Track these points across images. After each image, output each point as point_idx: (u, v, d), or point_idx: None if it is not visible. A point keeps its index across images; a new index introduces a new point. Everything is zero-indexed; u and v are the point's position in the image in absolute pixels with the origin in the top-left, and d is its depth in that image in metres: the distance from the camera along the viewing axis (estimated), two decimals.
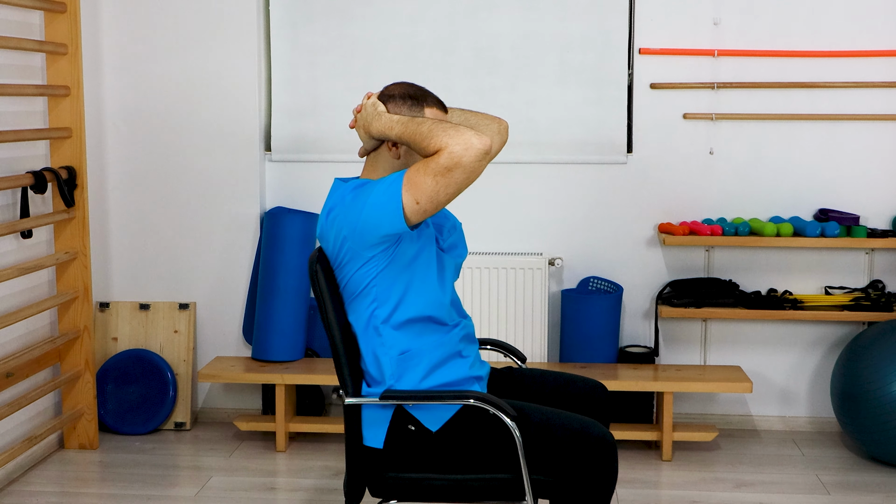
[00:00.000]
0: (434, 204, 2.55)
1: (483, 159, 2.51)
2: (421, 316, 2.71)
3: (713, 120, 4.49)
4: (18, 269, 3.88)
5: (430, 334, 2.73)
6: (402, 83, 2.81)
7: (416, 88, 2.79)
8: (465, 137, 2.50)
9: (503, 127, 3.06)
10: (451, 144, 2.50)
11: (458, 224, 2.94)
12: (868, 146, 4.46)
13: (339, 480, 4.01)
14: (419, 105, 2.75)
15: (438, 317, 2.75)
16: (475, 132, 2.52)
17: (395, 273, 2.66)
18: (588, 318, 4.39)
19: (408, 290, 2.68)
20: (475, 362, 2.84)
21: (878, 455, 4.14)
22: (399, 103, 2.75)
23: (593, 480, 2.60)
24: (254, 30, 4.52)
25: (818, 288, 4.54)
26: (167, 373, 4.56)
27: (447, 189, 2.52)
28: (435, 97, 2.80)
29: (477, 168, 2.52)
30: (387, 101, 2.75)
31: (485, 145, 2.50)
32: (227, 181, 4.58)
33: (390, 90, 2.78)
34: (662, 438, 4.25)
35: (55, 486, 3.97)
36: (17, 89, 3.90)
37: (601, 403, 2.95)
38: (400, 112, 2.73)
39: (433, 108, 2.77)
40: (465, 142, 2.49)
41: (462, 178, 2.51)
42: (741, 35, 4.44)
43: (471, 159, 2.50)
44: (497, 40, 4.51)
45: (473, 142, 2.49)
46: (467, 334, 2.84)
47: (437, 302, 2.74)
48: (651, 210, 4.54)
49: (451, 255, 2.85)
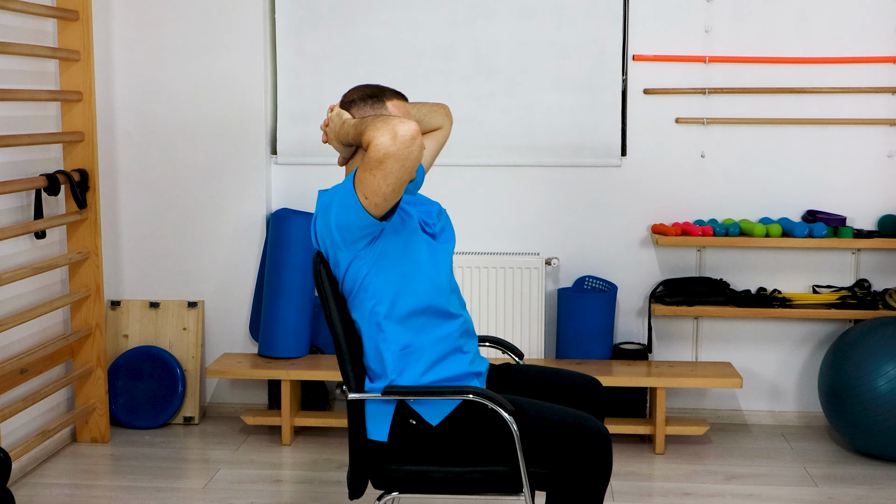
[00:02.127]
0: (381, 196, 2.51)
1: (411, 145, 2.46)
2: (421, 306, 2.70)
3: (705, 124, 4.49)
4: (32, 268, 3.88)
5: (432, 329, 2.73)
6: (358, 86, 2.81)
7: (373, 87, 2.79)
8: (389, 127, 2.46)
9: (448, 110, 3.14)
10: (376, 137, 2.46)
11: (444, 210, 2.94)
12: (854, 149, 4.46)
13: (342, 473, 4.01)
14: (380, 101, 2.76)
15: (439, 304, 2.74)
16: (401, 120, 2.47)
17: (386, 267, 2.66)
18: (583, 316, 4.39)
19: (403, 281, 2.68)
20: (475, 358, 2.84)
21: (864, 448, 4.14)
22: (360, 105, 2.76)
23: (589, 473, 2.60)
24: (260, 37, 4.52)
25: (806, 287, 4.55)
26: (176, 369, 4.56)
27: (387, 180, 2.49)
28: (392, 90, 2.80)
29: (408, 154, 2.47)
30: (349, 108, 2.76)
31: (410, 132, 2.46)
32: (234, 183, 4.58)
33: (349, 96, 2.79)
34: (655, 432, 4.25)
35: (68, 479, 3.97)
36: (31, 94, 3.91)
37: (596, 398, 2.95)
38: (364, 113, 2.74)
39: (393, 100, 2.78)
40: (391, 131, 2.45)
41: (396, 166, 2.47)
42: (731, 42, 4.44)
43: (398, 148, 2.45)
44: (495, 47, 4.51)
45: (398, 130, 2.45)
46: (467, 329, 2.84)
47: (435, 288, 2.73)
48: (644, 211, 4.55)
49: (442, 239, 2.85)
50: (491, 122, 4.53)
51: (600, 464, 2.61)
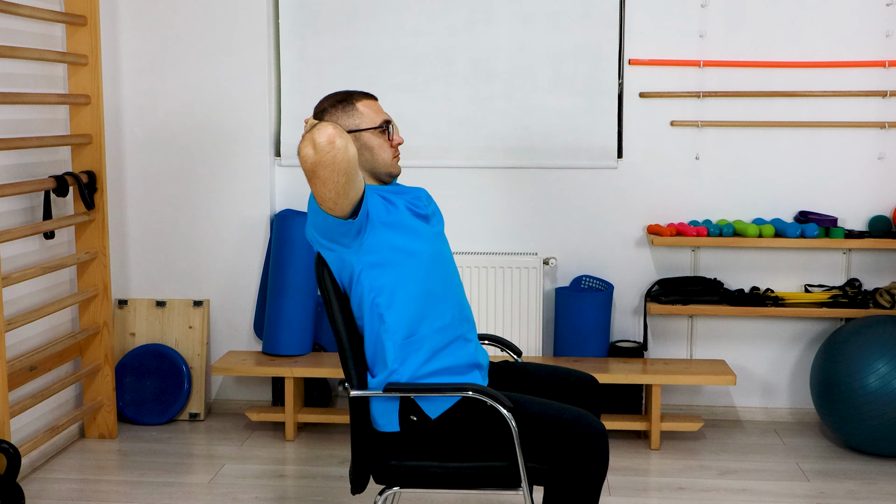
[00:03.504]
0: (330, 200, 2.54)
1: (331, 149, 2.47)
2: (420, 292, 2.70)
3: (699, 127, 4.49)
4: (41, 268, 3.88)
5: (434, 318, 2.72)
6: (328, 95, 2.84)
7: (342, 93, 2.82)
8: (308, 138, 2.50)
9: None
10: (300, 151, 2.51)
11: (429, 194, 2.96)
12: (846, 152, 4.46)
13: (345, 468, 4.02)
14: (349, 104, 2.79)
15: (439, 285, 2.75)
16: (318, 129, 2.49)
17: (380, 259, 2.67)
18: (581, 315, 4.39)
19: (400, 269, 2.68)
20: (477, 348, 2.84)
21: (855, 444, 4.15)
22: (332, 112, 2.79)
23: (586, 468, 2.61)
24: (264, 42, 4.52)
25: (798, 286, 4.55)
26: (182, 366, 4.56)
27: (325, 185, 2.52)
28: (360, 91, 2.84)
29: (332, 158, 2.48)
30: (323, 117, 2.79)
31: (325, 136, 2.47)
32: (238, 185, 4.58)
33: (320, 106, 2.82)
34: (651, 428, 4.25)
35: (76, 474, 3.98)
36: (40, 98, 3.91)
37: (593, 395, 2.95)
38: (337, 119, 2.77)
39: (362, 100, 2.81)
40: (310, 142, 2.49)
41: (327, 172, 2.50)
42: (725, 47, 4.44)
43: (321, 155, 2.48)
44: (494, 52, 4.51)
45: (315, 139, 2.48)
46: (467, 317, 2.84)
47: (433, 270, 2.74)
48: (640, 212, 4.55)
49: (434, 222, 2.87)
50: (490, 125, 4.53)
51: (597, 459, 2.62)
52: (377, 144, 2.79)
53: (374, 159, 2.79)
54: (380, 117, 2.81)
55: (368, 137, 2.78)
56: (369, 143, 2.78)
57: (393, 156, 2.82)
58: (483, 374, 2.82)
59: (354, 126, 2.77)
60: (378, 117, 2.81)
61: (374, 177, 2.83)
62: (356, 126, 2.77)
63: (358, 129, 2.76)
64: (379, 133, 2.79)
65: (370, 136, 2.78)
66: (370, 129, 2.78)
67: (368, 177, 2.82)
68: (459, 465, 2.68)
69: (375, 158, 2.79)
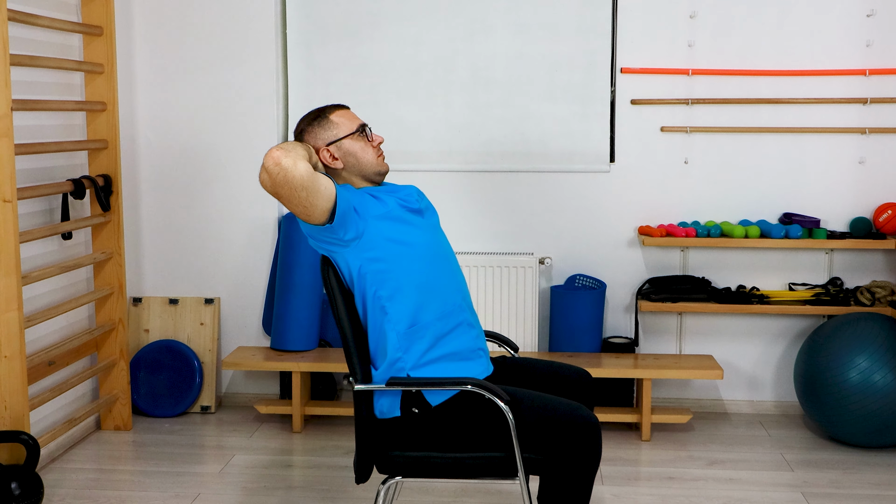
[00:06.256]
0: (301, 214, 2.59)
1: (280, 170, 2.50)
2: (421, 281, 2.71)
3: (688, 132, 4.50)
4: (60, 267, 3.89)
5: (437, 307, 2.72)
6: (303, 116, 2.86)
7: (315, 110, 2.85)
8: (263, 164, 2.54)
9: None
10: (260, 177, 2.56)
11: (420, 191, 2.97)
12: (828, 156, 4.47)
13: (349, 458, 4.02)
14: (324, 118, 2.81)
15: (439, 274, 2.75)
16: (267, 154, 2.53)
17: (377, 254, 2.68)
18: (575, 312, 4.40)
19: (397, 261, 2.69)
20: (479, 335, 2.84)
21: (837, 435, 4.15)
22: (310, 130, 2.82)
23: (580, 458, 2.61)
24: (272, 51, 4.53)
25: (783, 285, 4.55)
26: (194, 361, 4.57)
27: (290, 202, 2.56)
28: (332, 105, 2.86)
29: (284, 177, 2.52)
30: (303, 136, 2.82)
31: (272, 159, 2.51)
32: (248, 187, 4.58)
33: (299, 127, 2.84)
34: (642, 420, 4.25)
35: (93, 464, 3.98)
36: (58, 105, 3.91)
37: (586, 389, 2.95)
38: (316, 135, 2.80)
39: (335, 112, 2.84)
40: (263, 167, 2.54)
41: (286, 190, 2.54)
42: (713, 56, 4.45)
43: (274, 177, 2.53)
44: (492, 61, 4.51)
45: (265, 163, 2.53)
46: (470, 306, 2.84)
47: (430, 261, 2.74)
48: (631, 214, 4.55)
49: (428, 215, 2.88)
50: (488, 131, 4.54)
51: (590, 450, 2.62)
52: (359, 148, 2.80)
53: (360, 162, 2.81)
54: (355, 123, 2.83)
55: (350, 144, 2.79)
56: (351, 148, 2.80)
57: (377, 155, 2.84)
58: (486, 360, 2.82)
59: (334, 137, 2.79)
60: (353, 123, 2.83)
61: (365, 178, 2.84)
62: (335, 136, 2.79)
63: (337, 139, 2.79)
64: (358, 137, 2.81)
65: (350, 142, 2.79)
66: (349, 136, 2.80)
67: (360, 180, 2.83)
68: (459, 455, 2.68)
69: (360, 161, 2.81)
